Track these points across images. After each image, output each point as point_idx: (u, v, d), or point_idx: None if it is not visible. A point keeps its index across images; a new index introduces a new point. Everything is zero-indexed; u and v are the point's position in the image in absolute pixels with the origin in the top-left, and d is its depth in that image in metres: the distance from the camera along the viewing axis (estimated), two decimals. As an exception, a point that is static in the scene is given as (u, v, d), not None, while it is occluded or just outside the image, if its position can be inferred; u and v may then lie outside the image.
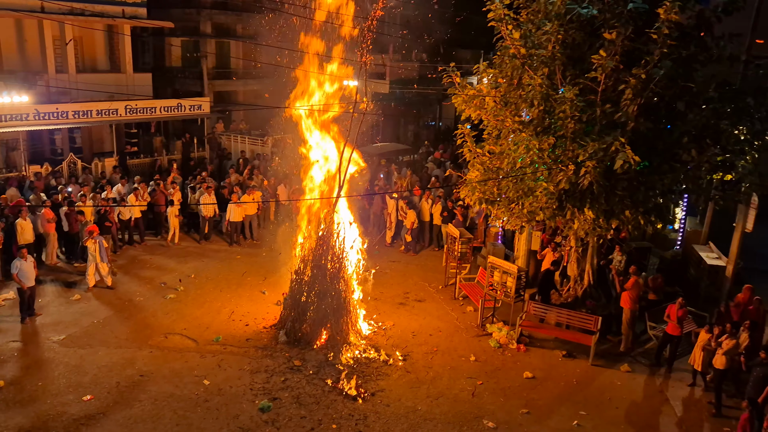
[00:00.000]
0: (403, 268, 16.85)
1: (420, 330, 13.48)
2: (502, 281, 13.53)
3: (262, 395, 10.72)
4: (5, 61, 23.73)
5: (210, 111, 26.38)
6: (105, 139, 25.66)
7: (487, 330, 13.48)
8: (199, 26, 32.06)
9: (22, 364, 11.47)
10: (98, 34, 26.31)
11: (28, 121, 20.57)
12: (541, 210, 12.13)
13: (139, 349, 12.15)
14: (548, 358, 12.63)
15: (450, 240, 15.85)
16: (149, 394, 10.62)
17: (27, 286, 12.91)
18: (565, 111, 11.09)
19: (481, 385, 11.43)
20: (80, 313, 13.62)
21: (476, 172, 13.22)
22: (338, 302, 12.62)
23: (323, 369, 11.60)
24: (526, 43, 11.87)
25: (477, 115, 13.19)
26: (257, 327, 13.24)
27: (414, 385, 11.32)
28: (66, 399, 10.41)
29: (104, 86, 23.69)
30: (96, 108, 22.40)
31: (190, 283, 15.51)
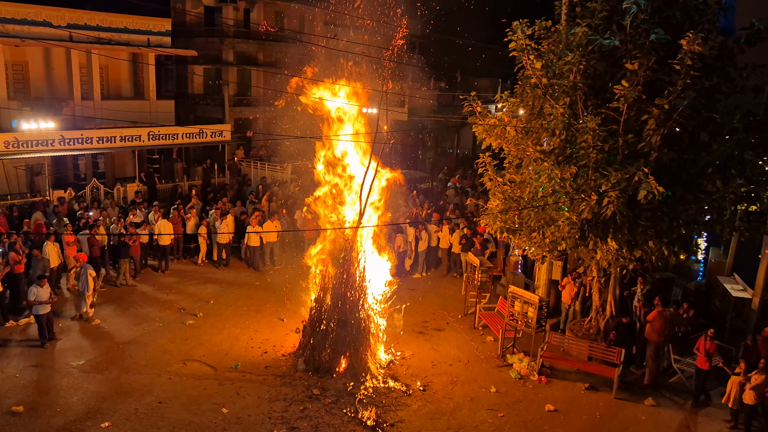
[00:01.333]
0: (422, 297, 16.74)
1: (439, 360, 13.33)
2: (522, 311, 13.38)
3: (281, 424, 10.62)
4: (33, 89, 24.30)
5: (231, 137, 26.71)
6: (127, 165, 26.04)
7: (508, 361, 13.29)
8: (222, 54, 32.68)
9: (42, 389, 11.49)
10: (123, 62, 26.90)
11: (54, 147, 20.96)
12: (563, 240, 12.03)
13: (158, 375, 12.13)
14: (570, 390, 12.40)
15: (470, 269, 15.75)
16: (167, 422, 10.57)
17: (43, 312, 13.01)
18: (587, 140, 11.06)
19: (502, 418, 11.23)
20: (99, 337, 13.67)
21: (497, 201, 13.18)
22: (358, 331, 12.55)
23: (342, 398, 11.49)
24: (548, 73, 11.92)
25: (498, 144, 13.21)
26: (276, 354, 13.18)
27: (434, 416, 11.16)
28: (84, 425, 10.39)
29: (128, 113, 24.15)
30: (120, 134, 22.78)
31: (209, 309, 15.53)
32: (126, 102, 26.44)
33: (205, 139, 25.70)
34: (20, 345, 13.15)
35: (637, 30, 11.43)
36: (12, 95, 23.17)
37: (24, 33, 22.21)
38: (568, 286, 14.58)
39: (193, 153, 28.92)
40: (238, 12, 33.30)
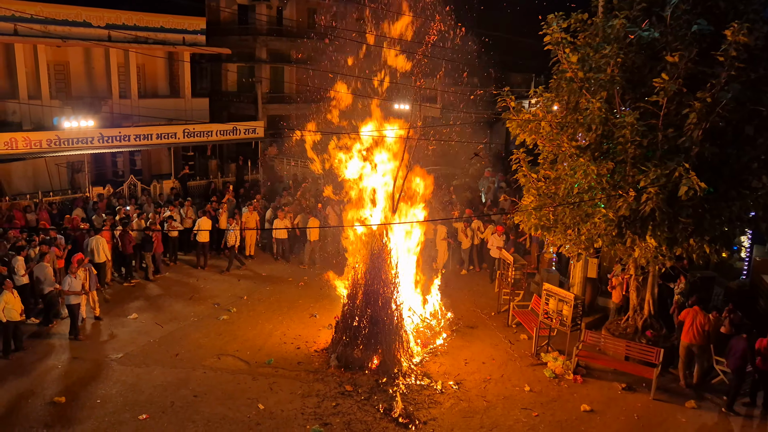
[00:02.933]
0: (455, 294, 16.61)
1: (472, 357, 13.22)
2: (557, 309, 13.17)
3: (314, 420, 10.66)
4: (74, 88, 24.88)
5: (264, 134, 26.93)
6: (163, 162, 26.49)
7: (542, 359, 13.10)
8: (255, 52, 32.95)
9: (82, 380, 11.77)
10: (159, 60, 27.35)
11: (93, 145, 21.45)
12: (600, 237, 11.79)
13: (193, 369, 12.30)
14: (607, 390, 12.15)
15: (503, 266, 15.58)
16: (202, 416, 10.71)
17: (75, 302, 13.31)
18: (625, 135, 10.81)
19: (536, 417, 11.07)
20: (137, 332, 13.93)
21: (531, 198, 12.99)
22: (390, 327, 12.52)
23: (375, 395, 11.48)
24: (584, 67, 11.66)
25: (532, 140, 12.99)
26: (308, 350, 13.24)
27: (467, 415, 11.06)
28: (123, 417, 10.60)
29: (164, 111, 24.55)
30: (156, 132, 23.18)
31: (242, 304, 15.69)
32: (162, 100, 26.88)
33: (238, 136, 25.98)
34: (61, 338, 13.50)
35: (678, 21, 11.11)
36: (54, 94, 23.77)
37: (65, 33, 22.75)
38: (619, 286, 14.24)
39: (227, 150, 29.26)
40: (271, 10, 33.50)
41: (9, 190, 20.98)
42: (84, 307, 14.05)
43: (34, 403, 10.93)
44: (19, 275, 13.79)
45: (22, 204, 19.04)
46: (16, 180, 21.80)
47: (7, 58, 22.58)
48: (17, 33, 21.86)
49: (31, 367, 12.18)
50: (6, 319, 12.23)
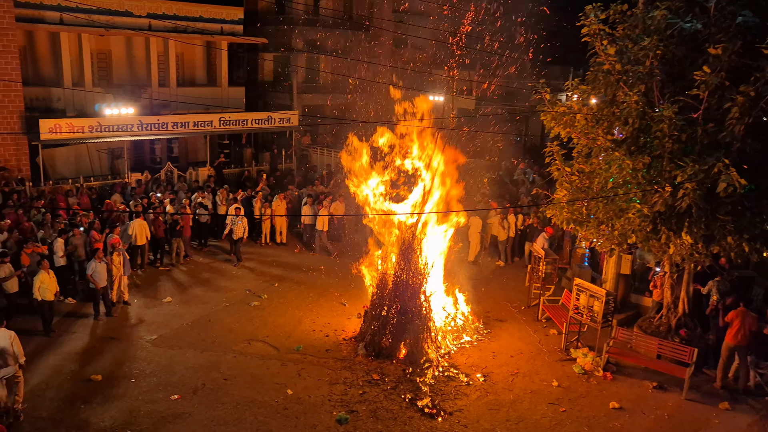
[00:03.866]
0: (485, 286, 16.55)
1: (500, 350, 13.17)
2: (588, 305, 13.01)
3: (340, 407, 10.79)
4: (115, 75, 25.48)
5: (298, 124, 27.14)
6: (199, 149, 26.94)
7: (571, 355, 12.97)
8: (291, 42, 33.14)
9: (118, 360, 12.13)
10: (198, 49, 27.77)
11: (133, 132, 21.92)
12: (634, 233, 11.58)
13: (224, 353, 12.55)
14: (637, 388, 11.98)
15: (534, 260, 15.45)
16: (232, 398, 10.93)
17: (100, 286, 13.65)
18: (662, 130, 10.57)
19: (563, 413, 10.99)
20: (170, 315, 14.26)
21: (564, 192, 12.83)
22: (418, 318, 12.56)
23: (401, 384, 11.55)
24: (622, 59, 11.45)
25: (567, 133, 12.82)
26: (337, 338, 13.38)
27: (493, 407, 11.04)
28: (156, 396, 10.89)
29: (201, 99, 24.94)
30: (193, 120, 23.57)
31: (273, 291, 15.92)
32: (199, 89, 27.30)
33: (273, 125, 26.23)
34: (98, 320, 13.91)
35: (722, 12, 10.79)
36: (96, 82, 24.38)
37: (108, 22, 23.28)
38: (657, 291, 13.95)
39: (262, 139, 29.58)
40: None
41: (53, 174, 21.63)
42: (115, 291, 14.41)
43: (72, 380, 11.32)
44: (57, 256, 14.26)
45: (64, 188, 19.63)
46: (59, 165, 22.45)
47: (53, 47, 23.25)
48: (63, 22, 22.47)
49: (70, 346, 12.60)
50: (41, 298, 12.65)
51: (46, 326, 12.92)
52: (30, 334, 12.77)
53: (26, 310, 13.12)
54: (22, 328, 12.69)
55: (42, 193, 18.94)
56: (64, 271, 14.57)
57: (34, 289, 12.57)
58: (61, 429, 9.89)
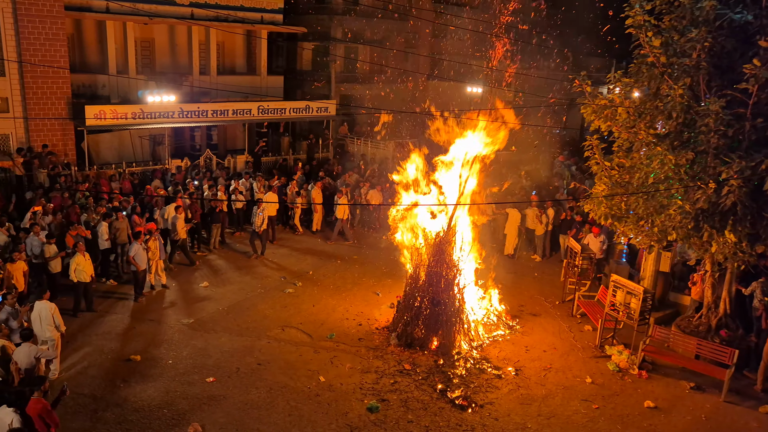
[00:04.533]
0: (519, 280, 16.42)
1: (533, 345, 13.07)
2: (625, 302, 12.78)
3: (371, 395, 10.87)
4: (158, 63, 25.98)
5: (336, 113, 27.25)
6: (238, 137, 27.31)
7: (606, 352, 12.79)
8: (330, 31, 33.23)
9: (156, 341, 12.45)
10: (238, 38, 28.08)
11: (174, 119, 22.33)
12: (674, 230, 11.32)
13: (258, 338, 12.76)
14: (673, 388, 11.75)
15: (570, 254, 15.24)
16: (265, 383, 11.12)
17: (141, 269, 14.01)
18: (708, 124, 10.29)
19: (596, 410, 10.85)
20: (207, 299, 14.55)
21: (603, 186, 12.61)
22: (451, 310, 12.55)
23: (433, 375, 11.57)
24: (667, 51, 11.15)
25: (607, 126, 12.57)
26: (370, 327, 13.46)
27: (525, 402, 10.98)
28: (192, 378, 11.16)
29: (240, 87, 25.25)
30: (232, 108, 23.89)
31: (308, 279, 16.09)
32: (239, 77, 27.63)
33: (310, 114, 26.39)
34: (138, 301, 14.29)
35: (775, 3, 10.41)
36: (140, 69, 24.89)
37: (152, 11, 23.72)
38: (700, 283, 13.64)
39: (299, 127, 29.80)
40: (347, -11, 33.64)
41: (97, 159, 22.21)
42: (153, 275, 14.76)
43: (112, 359, 11.68)
44: (102, 239, 14.68)
45: (107, 173, 20.16)
46: (103, 150, 23.04)
47: (99, 35, 23.82)
48: (109, 11, 22.99)
49: (111, 326, 12.99)
50: (77, 279, 13.06)
51: (76, 306, 13.34)
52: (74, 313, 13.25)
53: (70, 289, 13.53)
54: (66, 307, 13.19)
55: (87, 178, 19.49)
56: (107, 254, 15.00)
57: (70, 270, 13.01)
58: (102, 405, 10.22)
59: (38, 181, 18.22)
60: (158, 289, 14.90)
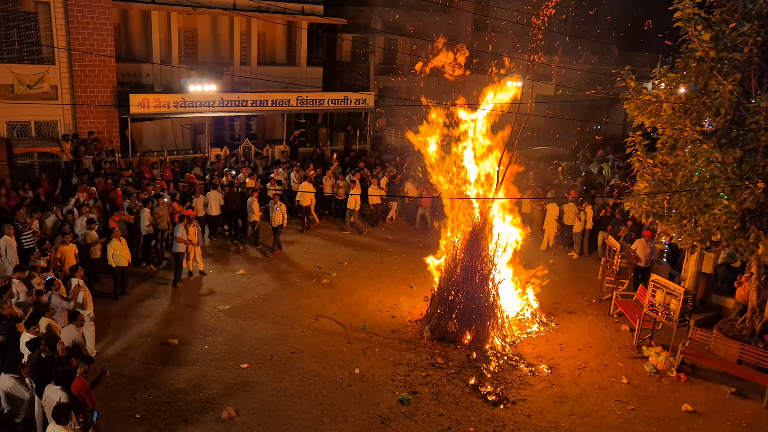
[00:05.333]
0: (555, 277, 16.18)
1: (568, 343, 12.89)
2: (664, 302, 12.49)
3: (403, 388, 10.90)
4: (200, 53, 26.37)
5: (374, 105, 27.26)
6: (276, 127, 27.56)
7: (643, 353, 12.53)
8: (370, 23, 33.21)
9: (193, 326, 12.71)
10: (278, 29, 28.28)
11: (214, 108, 22.66)
12: (719, 230, 11.01)
13: (292, 327, 12.90)
14: (713, 393, 11.45)
15: (609, 253, 14.96)
16: (298, 371, 11.25)
17: (182, 251, 14.38)
18: (758, 122, 9.97)
19: (631, 411, 10.66)
20: (243, 287, 14.77)
21: (645, 183, 12.32)
22: (485, 305, 12.47)
23: (465, 370, 11.53)
24: (717, 45, 10.82)
25: (651, 123, 12.28)
26: (403, 320, 13.48)
27: (558, 400, 10.85)
28: (227, 364, 11.36)
29: (280, 78, 25.45)
30: (271, 98, 24.10)
31: (342, 269, 16.18)
32: (279, 68, 27.84)
33: (349, 106, 26.45)
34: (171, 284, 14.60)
35: (833, -3, 9.99)
36: (182, 59, 25.31)
37: (195, 2, 24.05)
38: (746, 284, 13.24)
39: (337, 119, 29.90)
40: (388, -20, 33.53)
41: (140, 147, 22.71)
42: (191, 262, 15.05)
43: (151, 342, 11.97)
44: (144, 225, 15.03)
45: (150, 161, 20.60)
46: (146, 138, 23.54)
47: (144, 25, 24.29)
48: (154, 1, 23.41)
49: (150, 310, 13.31)
50: (115, 264, 13.40)
51: (117, 289, 13.71)
52: (115, 297, 13.64)
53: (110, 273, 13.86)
54: (106, 291, 13.57)
55: (130, 165, 19.95)
56: (148, 240, 15.37)
57: (108, 255, 13.37)
58: (140, 386, 10.49)
59: (84, 167, 18.73)
60: (196, 275, 15.18)
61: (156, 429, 9.48)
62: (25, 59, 19.85)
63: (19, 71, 19.59)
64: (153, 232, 15.37)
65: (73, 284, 11.05)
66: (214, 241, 17.39)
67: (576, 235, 18.10)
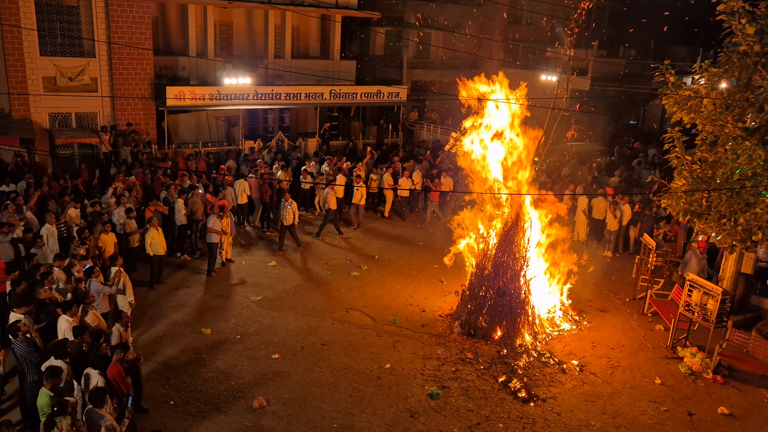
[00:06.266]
0: (589, 275, 15.93)
1: (600, 341, 12.72)
2: (701, 302, 12.23)
3: (432, 382, 10.90)
4: (235, 46, 26.64)
5: (407, 99, 27.19)
6: (309, 120, 27.70)
7: (678, 353, 12.30)
8: (404, 16, 33.07)
9: (226, 316, 12.91)
10: (312, 22, 28.39)
11: (248, 101, 22.90)
12: (760, 229, 10.71)
13: (323, 319, 13.01)
14: (751, 396, 11.18)
15: (644, 251, 14.69)
16: (328, 363, 11.34)
17: (215, 241, 14.63)
18: (804, 119, 9.64)
19: (665, 412, 10.48)
20: (275, 278, 14.93)
21: (683, 181, 12.05)
22: (517, 301, 12.38)
23: (495, 366, 11.48)
24: (762, 40, 10.48)
25: (690, 119, 11.97)
26: (433, 314, 13.47)
27: (589, 399, 10.73)
28: (258, 354, 11.52)
29: (313, 71, 25.55)
30: (305, 91, 24.24)
31: (373, 263, 16.23)
32: (312, 61, 27.95)
33: (381, 100, 26.44)
34: (204, 274, 14.83)
35: None
36: (218, 52, 25.60)
37: (230, -5, 24.31)
38: None
39: (370, 112, 29.90)
40: (423, -26, 33.34)
41: (175, 139, 23.08)
42: (225, 252, 15.29)
43: (184, 331, 12.20)
44: (180, 215, 15.30)
45: (185, 152, 20.94)
46: (181, 130, 23.91)
47: (181, 18, 24.64)
48: (190, -6, 23.70)
49: (184, 299, 13.56)
50: (153, 253, 13.68)
51: (153, 278, 14.01)
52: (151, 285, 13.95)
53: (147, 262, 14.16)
54: (142, 280, 13.86)
55: (166, 156, 20.31)
56: (183, 230, 15.65)
57: (146, 244, 13.68)
58: (174, 374, 10.71)
59: (122, 158, 19.13)
60: (227, 264, 15.42)
61: (189, 416, 9.67)
62: (67, 52, 20.34)
63: (61, 64, 20.11)
64: (187, 223, 15.63)
65: (113, 271, 11.32)
66: (247, 231, 17.60)
67: (611, 233, 17.76)
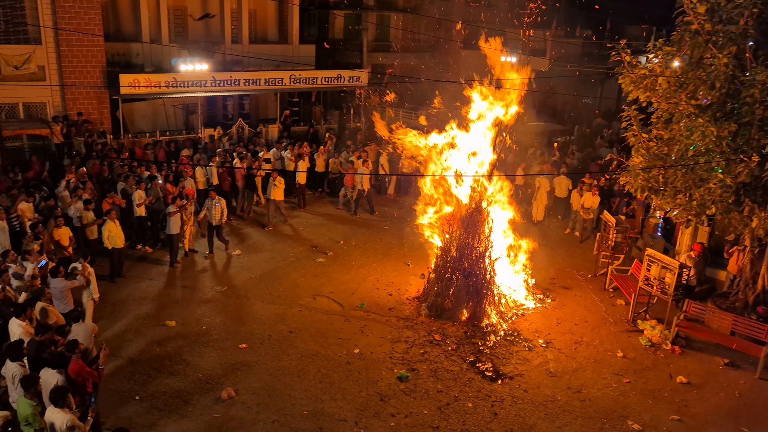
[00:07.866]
0: (551, 252, 16.26)
1: (564, 318, 13.00)
2: (659, 276, 12.58)
3: (401, 365, 10.98)
4: (191, 32, 26.00)
5: (367, 83, 27.03)
6: (269, 107, 27.33)
7: (639, 326, 12.66)
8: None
9: (191, 308, 12.71)
10: (270, 6, 27.88)
11: (206, 88, 22.43)
12: (714, 203, 11.05)
13: (290, 307, 12.94)
14: (706, 364, 11.60)
15: (604, 228, 15.01)
16: (296, 350, 11.31)
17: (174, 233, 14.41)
18: (753, 95, 9.95)
19: (627, 384, 10.80)
20: (240, 267, 14.77)
21: (640, 158, 12.32)
22: (482, 282, 12.52)
23: (462, 346, 11.62)
24: (713, 18, 10.74)
25: (646, 97, 12.22)
26: (400, 298, 13.53)
27: (554, 374, 10.98)
28: (225, 345, 11.40)
29: (272, 56, 25.16)
30: (264, 77, 23.86)
31: (338, 248, 16.19)
32: (271, 46, 27.50)
33: (342, 84, 26.22)
34: (166, 265, 14.58)
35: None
36: (173, 38, 24.96)
37: (183, -22, 23.69)
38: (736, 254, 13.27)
39: (331, 97, 29.67)
40: (380, -45, 33.05)
41: (131, 128, 22.49)
42: (187, 241, 15.11)
43: (148, 324, 11.99)
44: (136, 206, 14.93)
45: (143, 142, 20.44)
46: (137, 119, 23.30)
47: (133, 2, 23.89)
48: (141, -22, 22.98)
49: (146, 292, 13.30)
50: (111, 246, 13.38)
51: (113, 272, 13.70)
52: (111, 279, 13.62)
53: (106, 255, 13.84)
54: (102, 274, 13.54)
55: (122, 146, 19.78)
56: (142, 221, 15.29)
57: (103, 238, 13.35)
58: (138, 368, 10.53)
59: (75, 149, 18.55)
60: (190, 255, 15.23)
61: (156, 410, 9.54)
62: (11, 39, 19.56)
63: (4, 52, 19.32)
64: (146, 214, 15.29)
65: (80, 266, 11.05)
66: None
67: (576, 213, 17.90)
